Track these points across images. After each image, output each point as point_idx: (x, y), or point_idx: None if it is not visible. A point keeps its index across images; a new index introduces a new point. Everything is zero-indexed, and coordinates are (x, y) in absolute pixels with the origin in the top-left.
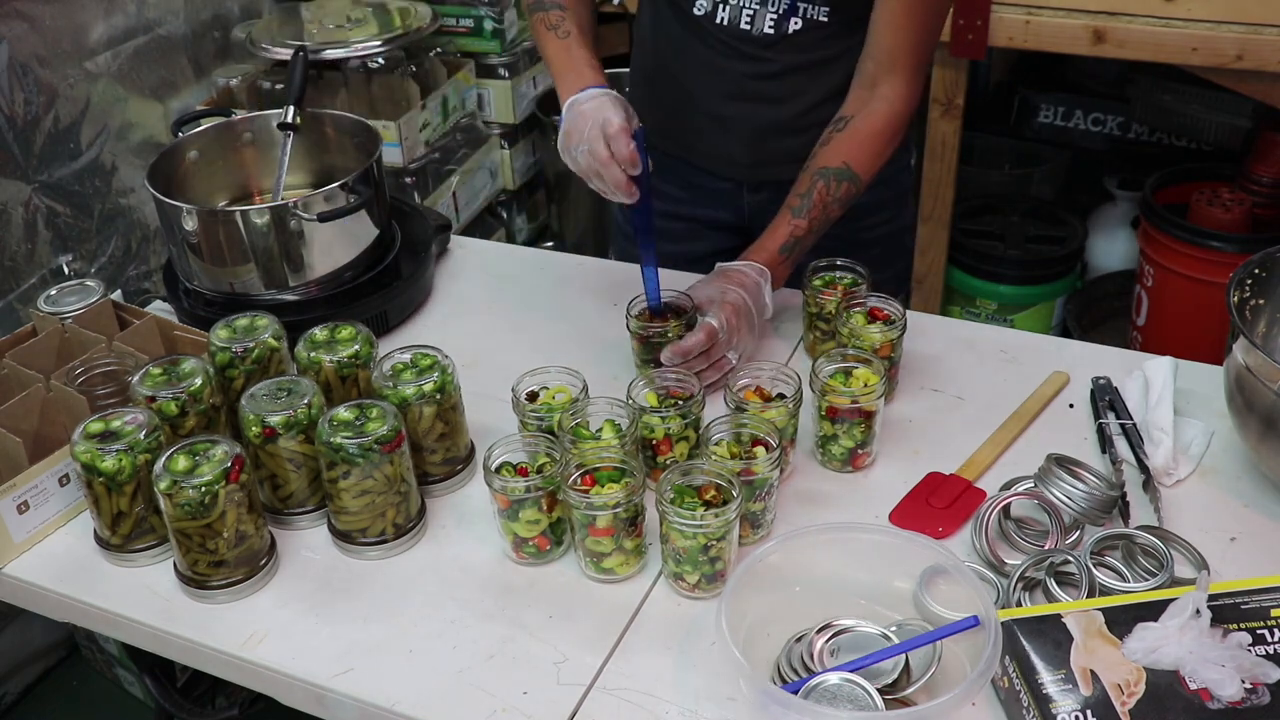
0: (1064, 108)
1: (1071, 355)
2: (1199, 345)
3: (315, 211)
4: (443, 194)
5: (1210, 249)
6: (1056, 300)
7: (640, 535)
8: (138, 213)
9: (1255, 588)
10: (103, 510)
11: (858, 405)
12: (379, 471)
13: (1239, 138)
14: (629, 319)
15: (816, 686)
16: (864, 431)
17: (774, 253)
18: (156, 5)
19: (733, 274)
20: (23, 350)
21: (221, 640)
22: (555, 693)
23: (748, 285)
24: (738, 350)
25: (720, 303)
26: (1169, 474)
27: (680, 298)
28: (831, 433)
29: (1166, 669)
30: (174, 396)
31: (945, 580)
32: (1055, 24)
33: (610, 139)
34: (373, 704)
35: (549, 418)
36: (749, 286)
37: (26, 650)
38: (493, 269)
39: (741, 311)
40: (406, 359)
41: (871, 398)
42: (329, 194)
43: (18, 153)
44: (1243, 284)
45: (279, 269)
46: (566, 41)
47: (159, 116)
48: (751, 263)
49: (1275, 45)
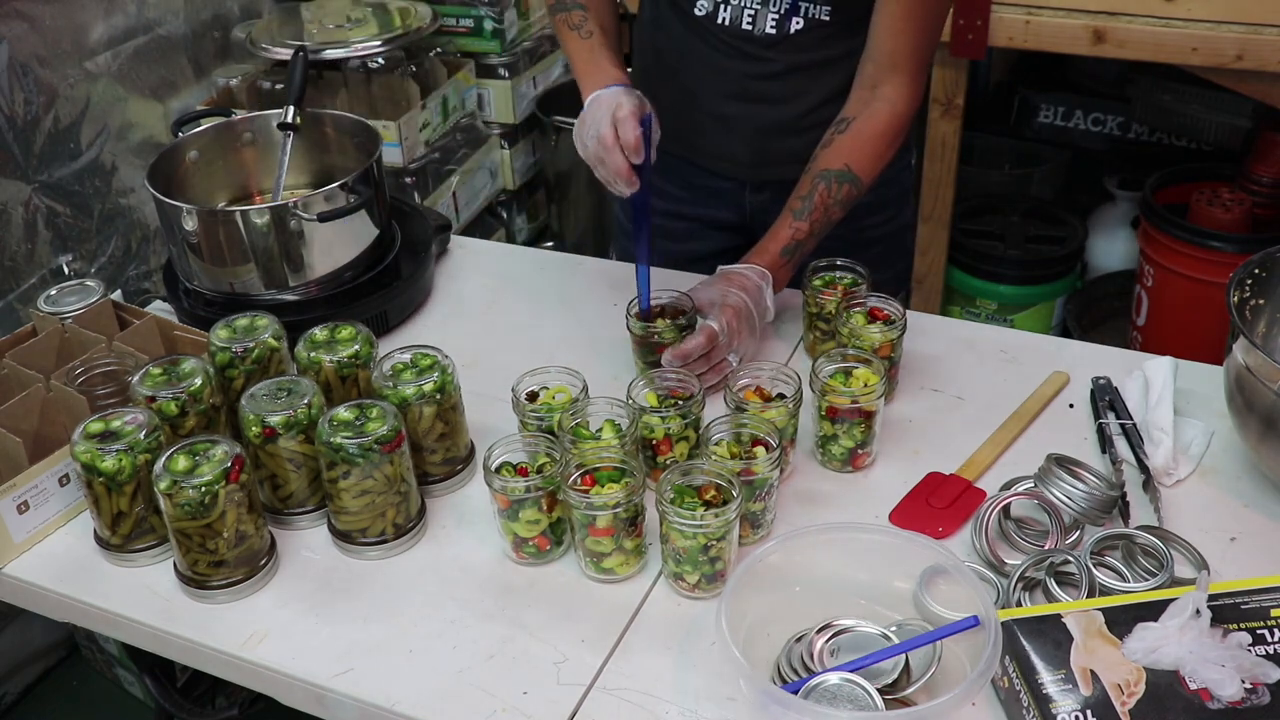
0: (1064, 108)
1: (1071, 355)
2: (1199, 345)
3: (315, 211)
4: (443, 194)
5: (1210, 249)
6: (1056, 300)
7: (640, 535)
8: (138, 213)
9: (1255, 588)
10: (103, 510)
11: (858, 405)
12: (379, 471)
13: (1239, 138)
14: (629, 319)
15: (816, 686)
16: (864, 431)
17: (775, 255)
18: (156, 5)
19: (734, 277)
20: (23, 350)
21: (221, 640)
22: (555, 693)
23: (749, 288)
24: (738, 353)
25: (721, 305)
26: (1169, 474)
27: (680, 298)
28: (831, 433)
29: (1166, 669)
30: (174, 396)
31: (945, 580)
32: (1055, 24)
33: (619, 122)
34: (373, 704)
35: (549, 418)
36: (750, 289)
37: (26, 650)
38: (493, 269)
39: (742, 314)
40: (406, 359)
41: (871, 398)
42: (329, 194)
43: (18, 153)
44: (1243, 284)
45: (279, 269)
46: (589, 41)
47: (159, 116)
48: (753, 265)
49: (1275, 45)
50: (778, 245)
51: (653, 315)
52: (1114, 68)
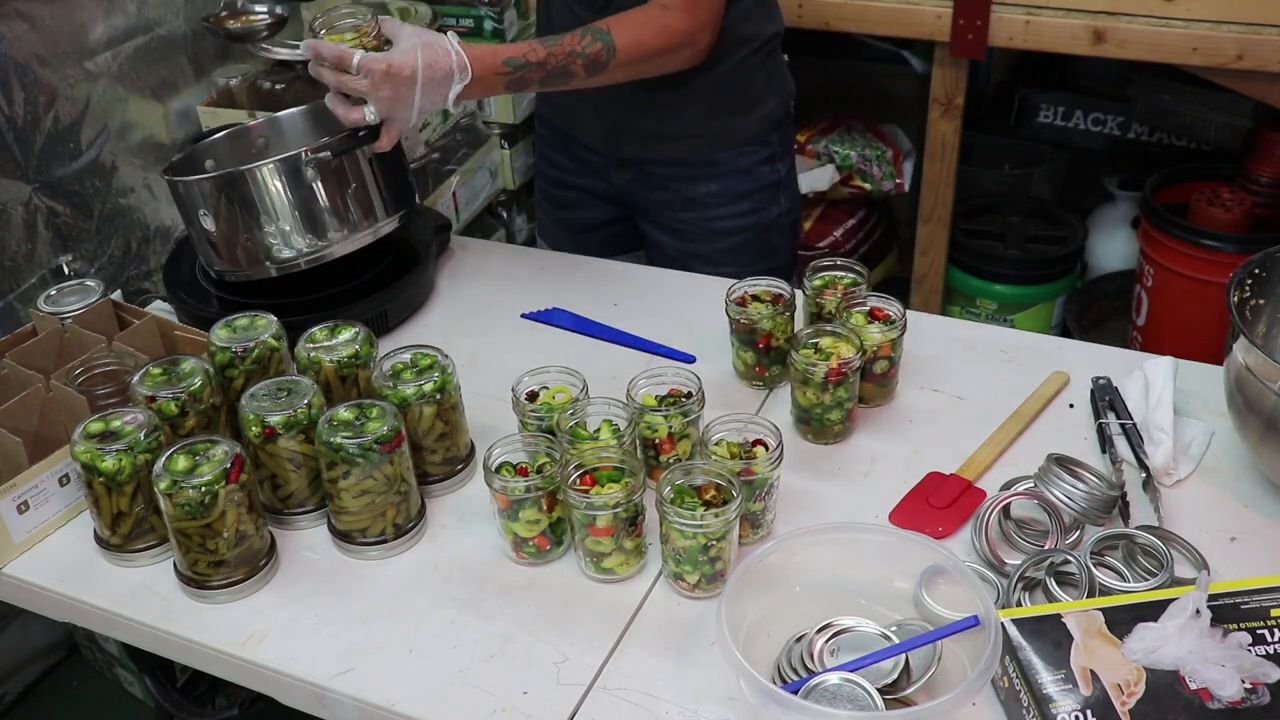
0: (1064, 108)
1: (1071, 355)
2: (1199, 345)
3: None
4: (443, 194)
5: (1210, 249)
6: (1056, 300)
7: (640, 535)
8: (138, 213)
9: (1255, 588)
10: (103, 510)
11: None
12: (379, 471)
13: (1239, 138)
14: (728, 304)
15: (816, 686)
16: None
17: (497, 60)
18: (156, 5)
19: (437, 50)
20: (23, 350)
21: (221, 640)
22: (555, 693)
23: (437, 66)
24: (379, 112)
25: (387, 59)
26: (1169, 474)
27: (380, 23)
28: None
29: (1166, 669)
30: (174, 396)
31: (945, 580)
32: (1055, 24)
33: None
34: (373, 704)
35: (549, 418)
36: (438, 69)
37: (26, 650)
38: (493, 269)
39: (401, 79)
40: (406, 359)
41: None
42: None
43: (18, 153)
44: (1243, 284)
45: (299, 228)
46: None
47: (159, 116)
48: (463, 54)
49: (1275, 45)
50: (506, 53)
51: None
52: (1114, 68)
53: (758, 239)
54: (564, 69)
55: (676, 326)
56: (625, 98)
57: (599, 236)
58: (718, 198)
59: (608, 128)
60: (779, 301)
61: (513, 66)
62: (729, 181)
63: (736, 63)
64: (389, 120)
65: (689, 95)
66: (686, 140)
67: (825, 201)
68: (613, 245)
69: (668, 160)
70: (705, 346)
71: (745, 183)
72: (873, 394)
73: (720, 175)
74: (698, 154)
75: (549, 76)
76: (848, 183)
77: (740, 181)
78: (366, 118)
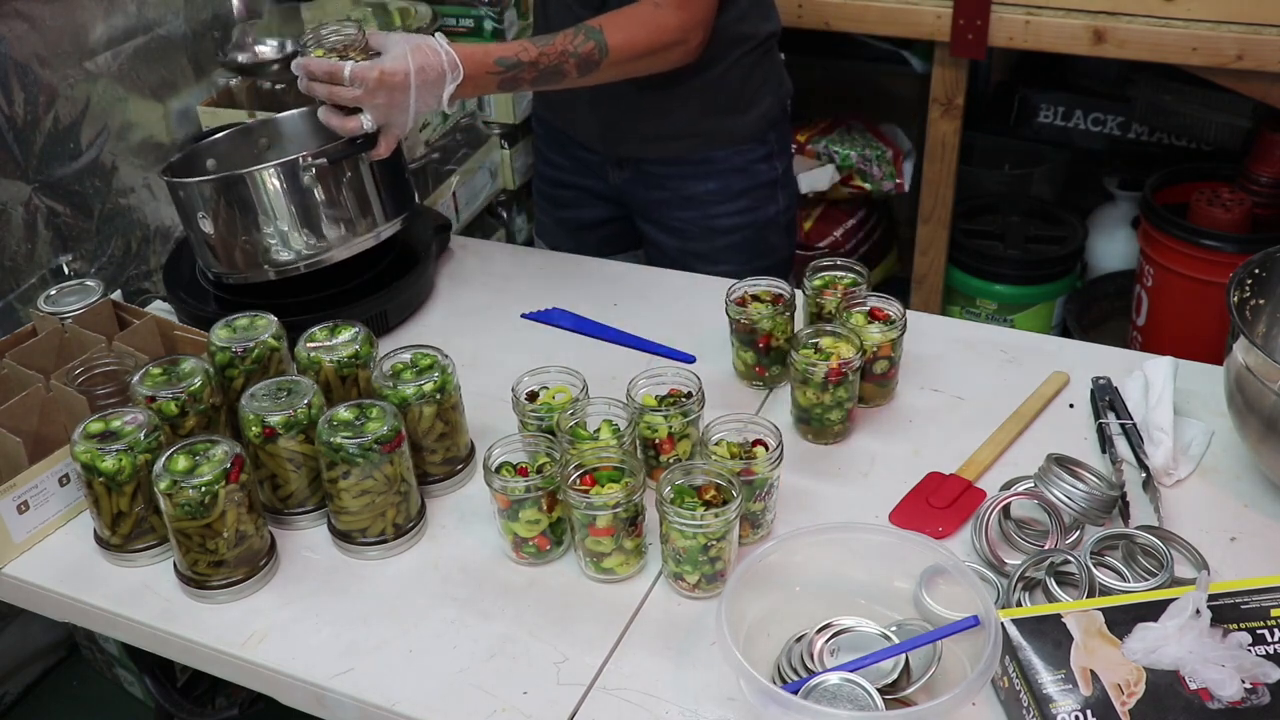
0: (1064, 108)
1: (1071, 355)
2: (1199, 345)
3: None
4: (443, 194)
5: (1210, 249)
6: (1056, 300)
7: (640, 535)
8: (138, 213)
9: (1255, 588)
10: (103, 510)
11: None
12: (379, 471)
13: (1239, 138)
14: (728, 304)
15: (816, 686)
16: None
17: (489, 59)
18: (156, 5)
19: (427, 52)
20: (23, 350)
21: (221, 640)
22: (555, 693)
23: (429, 68)
24: (375, 119)
25: (379, 67)
26: (1169, 474)
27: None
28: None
29: (1166, 669)
30: (174, 396)
31: (945, 580)
32: (1055, 24)
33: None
34: (373, 704)
35: (549, 418)
36: (430, 70)
37: (26, 650)
38: (493, 269)
39: (395, 86)
40: (406, 359)
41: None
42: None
43: (18, 153)
44: (1243, 284)
45: (297, 230)
46: None
47: (159, 116)
48: (454, 54)
49: (1275, 45)
50: (499, 52)
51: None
52: (1114, 68)
53: (755, 237)
54: (556, 68)
55: (676, 326)
56: (622, 96)
57: (597, 236)
58: (715, 196)
59: (605, 127)
60: (779, 301)
61: (504, 66)
62: (726, 180)
63: (733, 62)
64: (386, 126)
65: (686, 94)
66: (683, 139)
67: (825, 201)
68: (611, 244)
69: (665, 159)
70: (705, 346)
71: (743, 181)
72: (873, 394)
73: (718, 173)
74: (695, 152)
75: (541, 75)
76: (848, 183)
77: (738, 179)
78: (364, 125)
